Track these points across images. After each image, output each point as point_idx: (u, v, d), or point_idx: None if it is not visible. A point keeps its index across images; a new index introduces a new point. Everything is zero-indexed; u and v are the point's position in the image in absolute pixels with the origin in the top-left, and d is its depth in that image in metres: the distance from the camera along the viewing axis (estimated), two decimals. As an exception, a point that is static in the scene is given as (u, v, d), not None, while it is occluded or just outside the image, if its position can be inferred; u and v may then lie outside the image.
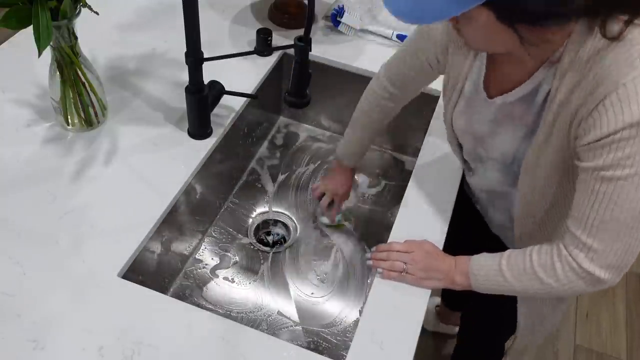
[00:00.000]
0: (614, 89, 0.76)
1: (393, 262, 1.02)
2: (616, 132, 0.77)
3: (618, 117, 0.76)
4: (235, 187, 1.43)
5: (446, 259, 1.02)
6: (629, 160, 0.78)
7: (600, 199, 0.82)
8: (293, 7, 1.53)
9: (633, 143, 0.77)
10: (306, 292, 1.25)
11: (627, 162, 0.78)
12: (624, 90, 0.75)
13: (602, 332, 2.03)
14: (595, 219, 0.83)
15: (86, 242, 1.02)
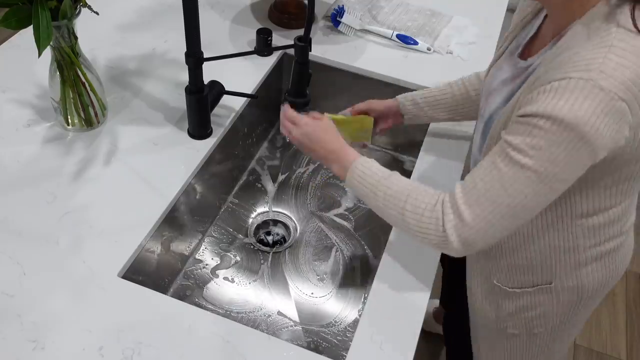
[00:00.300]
0: (562, 77, 0.74)
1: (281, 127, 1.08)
2: (537, 116, 0.76)
3: (547, 103, 0.74)
4: (235, 187, 1.43)
5: (329, 143, 1.02)
6: (535, 152, 0.77)
7: (494, 175, 0.81)
8: (293, 7, 1.53)
9: (545, 137, 0.75)
10: (306, 292, 1.25)
11: (532, 152, 0.77)
12: (567, 83, 0.73)
13: (602, 332, 2.03)
14: (479, 190, 0.83)
15: (86, 242, 1.02)
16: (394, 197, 0.91)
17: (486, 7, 1.68)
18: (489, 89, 1.00)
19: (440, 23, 1.59)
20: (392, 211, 0.92)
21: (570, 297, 1.03)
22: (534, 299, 1.04)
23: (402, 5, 1.66)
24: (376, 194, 0.93)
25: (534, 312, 1.06)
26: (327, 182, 1.47)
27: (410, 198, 0.90)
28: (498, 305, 1.09)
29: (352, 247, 1.34)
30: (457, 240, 0.85)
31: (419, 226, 0.89)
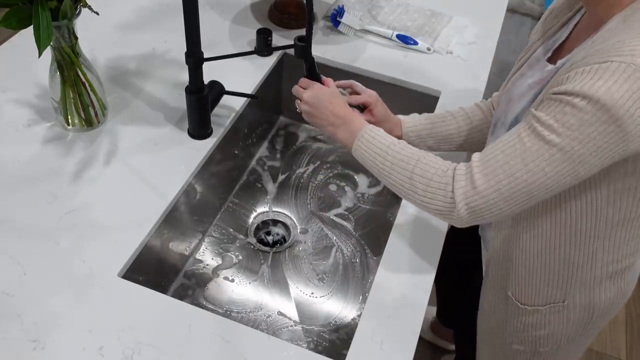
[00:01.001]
0: (603, 61, 0.73)
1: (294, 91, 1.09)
2: (571, 94, 0.74)
3: (585, 82, 0.73)
4: (235, 187, 1.43)
5: (337, 109, 1.02)
6: (564, 130, 0.75)
7: (517, 148, 0.80)
8: (293, 7, 1.53)
9: (577, 115, 0.74)
10: (306, 292, 1.25)
11: (561, 129, 0.75)
12: (608, 65, 0.72)
13: (602, 332, 2.03)
14: (498, 162, 0.81)
15: (86, 242, 1.02)
16: (404, 161, 0.90)
17: (486, 7, 1.68)
18: (511, 96, 0.98)
19: (440, 23, 1.59)
20: (399, 175, 0.90)
21: (581, 316, 1.02)
22: (544, 318, 1.04)
23: (402, 5, 1.66)
24: (385, 158, 0.92)
25: (543, 331, 1.05)
26: (327, 182, 1.47)
27: (420, 162, 0.89)
28: (507, 320, 1.09)
29: (352, 247, 1.34)
30: (464, 207, 0.84)
31: (426, 190, 0.87)
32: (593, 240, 0.92)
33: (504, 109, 1.00)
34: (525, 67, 0.99)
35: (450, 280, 1.57)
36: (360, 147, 0.96)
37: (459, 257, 1.39)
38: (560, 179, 0.79)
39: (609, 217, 0.89)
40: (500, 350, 1.15)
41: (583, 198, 0.88)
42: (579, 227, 0.91)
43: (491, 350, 1.18)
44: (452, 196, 0.85)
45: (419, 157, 0.90)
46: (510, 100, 0.98)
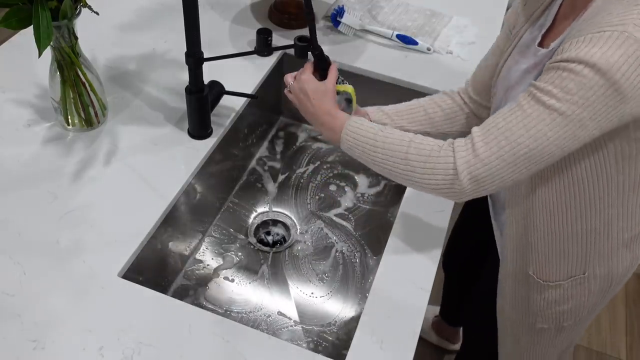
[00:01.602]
0: (597, 31, 0.76)
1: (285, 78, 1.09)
2: (570, 61, 0.77)
3: (581, 50, 0.76)
4: (235, 187, 1.43)
5: (321, 105, 1.01)
6: (563, 94, 0.77)
7: (517, 115, 0.81)
8: (293, 7, 1.53)
9: (575, 80, 0.76)
10: (306, 292, 1.25)
11: (561, 94, 0.77)
12: (601, 34, 0.75)
13: (602, 332, 2.03)
14: (500, 129, 0.82)
15: (86, 242, 1.02)
16: (395, 144, 0.90)
17: (486, 7, 1.68)
18: (508, 83, 1.00)
19: (440, 23, 1.59)
20: (393, 159, 0.90)
21: (601, 286, 1.05)
22: (566, 292, 1.05)
23: (402, 5, 1.66)
24: (375, 146, 0.92)
25: (566, 305, 1.07)
26: (327, 182, 1.47)
27: (414, 142, 0.89)
28: (530, 299, 1.10)
29: (352, 247, 1.34)
30: (467, 177, 0.84)
31: (424, 167, 0.87)
32: (607, 208, 0.94)
33: (502, 96, 1.01)
34: (516, 54, 1.00)
35: (458, 275, 1.57)
36: (347, 140, 0.96)
37: (467, 250, 1.40)
38: (561, 143, 0.80)
39: (619, 184, 0.91)
40: (525, 333, 1.17)
41: (593, 168, 0.89)
42: (592, 197, 0.93)
43: (515, 334, 1.19)
44: (454, 167, 0.85)
45: (410, 138, 0.90)
46: (509, 87, 0.99)
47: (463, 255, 1.50)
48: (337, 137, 0.98)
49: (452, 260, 1.57)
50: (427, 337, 1.88)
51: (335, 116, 1.00)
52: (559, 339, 1.16)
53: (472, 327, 1.43)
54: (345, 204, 1.42)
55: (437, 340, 1.88)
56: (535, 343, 1.17)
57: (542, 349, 1.19)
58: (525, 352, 1.20)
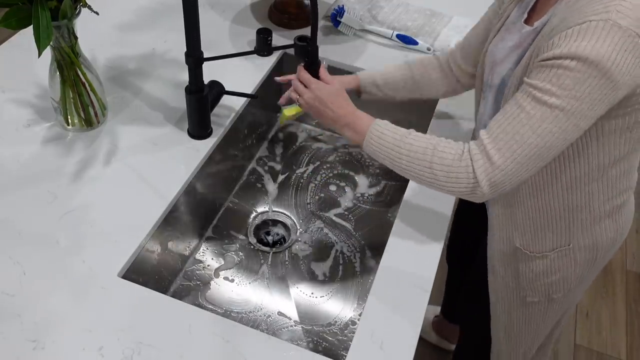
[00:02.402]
0: (582, 22, 0.79)
1: (293, 87, 1.10)
2: (561, 58, 0.80)
3: (571, 44, 0.79)
4: (235, 187, 1.43)
5: (340, 108, 1.03)
6: (561, 91, 0.81)
7: (522, 117, 0.85)
8: (293, 7, 1.53)
9: (570, 75, 0.80)
10: (306, 292, 1.25)
11: (560, 92, 0.81)
12: (588, 25, 0.79)
13: (602, 332, 2.03)
14: (508, 134, 0.86)
15: (86, 242, 1.02)
16: (419, 152, 0.93)
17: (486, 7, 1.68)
18: (494, 60, 1.03)
19: (440, 23, 1.59)
20: (418, 167, 0.94)
21: (587, 256, 1.08)
22: (553, 264, 1.09)
23: (402, 5, 1.66)
24: (400, 153, 0.95)
25: (554, 277, 1.11)
26: (327, 182, 1.47)
27: (437, 151, 0.92)
28: (519, 272, 1.13)
29: (352, 247, 1.34)
30: (487, 184, 0.89)
31: (448, 177, 0.91)
32: (589, 184, 0.98)
33: (489, 72, 1.05)
34: (503, 31, 1.03)
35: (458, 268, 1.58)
36: (371, 144, 0.98)
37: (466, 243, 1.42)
38: (566, 136, 0.85)
39: (600, 160, 0.95)
40: (516, 308, 1.20)
41: (575, 147, 0.93)
42: (575, 174, 0.97)
43: (507, 311, 1.22)
44: (474, 176, 0.89)
45: (434, 145, 0.93)
46: (494, 64, 1.03)
47: (462, 248, 1.51)
48: (361, 139, 1.00)
49: (453, 253, 1.58)
50: (427, 337, 1.88)
51: (358, 116, 1.02)
52: (550, 312, 1.19)
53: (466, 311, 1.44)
54: (345, 204, 1.42)
55: (437, 340, 1.88)
56: (528, 317, 1.20)
57: (534, 324, 1.22)
58: (519, 328, 1.23)
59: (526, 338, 1.25)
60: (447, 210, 1.14)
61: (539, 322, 1.21)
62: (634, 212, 1.11)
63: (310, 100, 1.06)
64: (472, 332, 1.47)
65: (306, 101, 1.07)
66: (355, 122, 1.01)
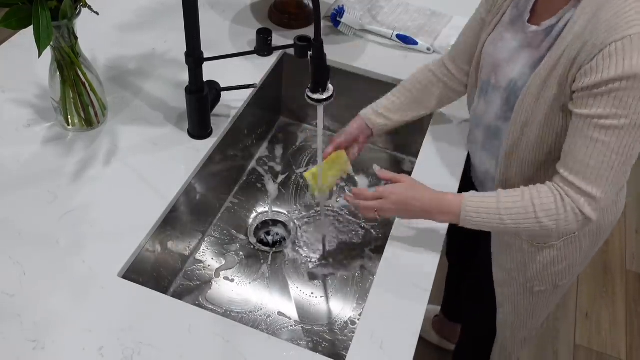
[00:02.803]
0: (620, 39, 0.80)
1: (364, 211, 1.06)
2: (615, 81, 0.82)
3: (619, 66, 0.81)
4: (235, 187, 1.43)
5: (423, 200, 1.01)
6: (626, 111, 0.83)
7: (599, 148, 0.87)
8: (293, 7, 1.53)
9: (630, 94, 0.82)
10: (306, 292, 1.25)
11: (625, 112, 0.83)
12: (628, 42, 0.80)
13: (602, 332, 2.03)
14: (595, 167, 0.88)
15: (86, 242, 1.02)
16: (521, 212, 0.95)
17: (486, 7, 1.68)
18: (495, 60, 1.03)
19: (440, 23, 1.59)
20: (525, 225, 0.95)
21: (591, 240, 1.10)
22: (560, 252, 1.10)
23: (402, 5, 1.66)
24: (502, 220, 0.96)
25: (560, 265, 1.12)
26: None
27: (536, 207, 0.94)
28: (526, 265, 1.14)
29: (351, 246, 1.34)
30: (595, 214, 0.93)
31: (558, 224, 0.94)
32: None
33: (490, 72, 1.05)
34: (502, 30, 1.03)
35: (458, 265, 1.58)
36: (470, 221, 0.99)
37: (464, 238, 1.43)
38: None
39: None
40: (523, 297, 1.21)
41: None
42: None
43: (513, 301, 1.23)
44: (583, 214, 0.93)
45: (530, 200, 0.94)
46: (498, 64, 1.03)
47: (462, 245, 1.51)
48: (456, 219, 1.00)
49: (453, 251, 1.58)
50: (427, 337, 1.88)
51: (444, 199, 1.01)
52: (553, 297, 1.22)
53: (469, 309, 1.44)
54: (345, 203, 1.42)
55: (437, 340, 1.88)
56: (534, 305, 1.23)
57: (539, 310, 1.24)
58: (525, 316, 1.25)
59: (530, 324, 1.28)
60: (447, 210, 1.14)
61: (543, 309, 1.24)
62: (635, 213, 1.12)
63: (393, 207, 1.03)
64: (474, 328, 1.47)
65: (388, 212, 1.04)
66: (444, 206, 1.00)
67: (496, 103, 1.05)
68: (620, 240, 2.29)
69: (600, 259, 2.23)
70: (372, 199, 1.04)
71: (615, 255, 2.25)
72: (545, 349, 1.96)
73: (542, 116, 0.96)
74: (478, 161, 1.18)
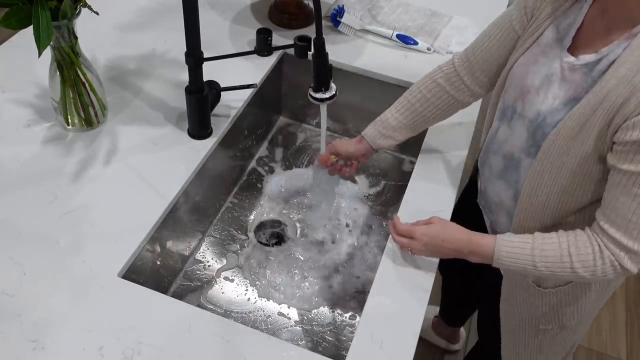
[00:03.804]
0: None
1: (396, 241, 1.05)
2: None
3: None
4: (235, 187, 1.43)
5: (454, 242, 1.00)
6: None
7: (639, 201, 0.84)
8: (293, 7, 1.53)
9: None
10: (306, 292, 1.25)
11: None
12: None
13: (602, 332, 2.03)
14: (637, 222, 0.85)
15: (86, 242, 1.02)
16: (556, 261, 0.92)
17: (486, 7, 1.68)
18: (525, 84, 0.97)
19: (440, 23, 1.59)
20: (560, 272, 0.93)
21: (601, 283, 1.06)
22: (567, 296, 1.07)
23: (402, 5, 1.66)
24: (535, 264, 0.93)
25: (570, 307, 1.09)
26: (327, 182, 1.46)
27: (572, 257, 0.91)
28: (534, 305, 1.11)
29: (352, 246, 1.34)
30: (635, 268, 0.90)
31: (594, 275, 0.91)
32: None
33: (516, 97, 0.99)
34: (537, 52, 0.97)
35: (455, 277, 1.57)
36: (503, 264, 0.96)
37: None
38: None
39: None
40: (528, 334, 1.18)
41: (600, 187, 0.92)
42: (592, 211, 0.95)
43: (518, 336, 1.20)
44: (621, 267, 0.89)
45: (567, 248, 0.92)
46: (527, 90, 0.97)
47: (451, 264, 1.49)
48: (489, 261, 0.98)
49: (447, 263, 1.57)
50: (427, 337, 1.88)
51: (477, 241, 0.99)
52: (560, 338, 1.17)
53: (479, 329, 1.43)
54: (345, 203, 1.42)
55: (437, 340, 1.88)
56: (539, 343, 1.18)
57: (545, 349, 1.20)
58: (530, 352, 1.21)
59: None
60: (447, 211, 1.14)
61: (550, 348, 1.19)
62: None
63: (424, 249, 1.02)
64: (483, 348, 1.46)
65: (419, 252, 1.03)
66: (478, 248, 0.98)
67: (521, 134, 0.99)
68: (620, 241, 2.29)
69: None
70: (405, 235, 1.03)
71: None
72: (545, 349, 1.96)
73: (574, 164, 0.91)
74: (491, 190, 1.11)
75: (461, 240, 0.99)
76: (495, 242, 0.96)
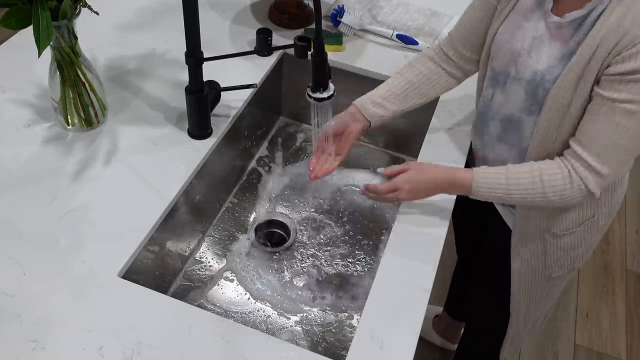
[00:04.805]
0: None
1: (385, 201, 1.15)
2: None
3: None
4: (235, 187, 1.43)
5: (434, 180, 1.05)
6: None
7: (619, 131, 0.90)
8: (293, 7, 1.53)
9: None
10: (306, 292, 1.25)
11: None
12: None
13: (602, 332, 2.03)
14: (609, 147, 0.91)
15: (86, 242, 1.02)
16: (528, 188, 0.99)
17: (486, 7, 1.68)
18: (514, 49, 1.02)
19: (440, 23, 1.59)
20: (532, 197, 1.00)
21: (606, 221, 1.15)
22: (578, 237, 1.13)
23: (402, 5, 1.66)
24: (509, 192, 1.00)
25: (579, 249, 1.16)
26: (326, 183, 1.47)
27: (545, 182, 0.98)
28: (547, 253, 1.16)
29: (351, 247, 1.34)
30: (599, 190, 0.97)
31: (562, 198, 0.99)
32: None
33: (508, 63, 1.04)
34: (518, 18, 1.02)
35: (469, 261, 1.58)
36: (480, 194, 1.03)
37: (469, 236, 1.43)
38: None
39: None
40: (540, 285, 1.23)
41: None
42: None
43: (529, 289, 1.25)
44: (587, 189, 0.97)
45: (539, 175, 0.98)
46: (517, 54, 1.02)
47: (470, 238, 1.52)
48: (468, 192, 1.04)
49: (462, 244, 1.60)
50: (427, 337, 1.88)
51: (454, 174, 1.04)
52: (566, 280, 1.25)
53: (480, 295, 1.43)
54: (345, 203, 1.42)
55: (437, 340, 1.88)
56: (550, 290, 1.25)
57: (554, 294, 1.27)
58: (539, 300, 1.27)
59: (544, 308, 1.30)
60: (447, 208, 1.14)
61: (558, 292, 1.27)
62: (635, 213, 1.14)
63: (409, 197, 1.07)
64: (481, 320, 1.46)
65: (406, 198, 1.08)
66: (457, 180, 1.04)
67: (518, 95, 1.04)
68: (620, 240, 2.29)
69: (600, 259, 2.23)
70: (387, 192, 1.07)
71: (615, 255, 2.25)
72: (545, 349, 1.96)
73: (579, 111, 0.96)
74: (493, 154, 1.16)
75: (440, 175, 1.05)
76: (473, 174, 1.02)
